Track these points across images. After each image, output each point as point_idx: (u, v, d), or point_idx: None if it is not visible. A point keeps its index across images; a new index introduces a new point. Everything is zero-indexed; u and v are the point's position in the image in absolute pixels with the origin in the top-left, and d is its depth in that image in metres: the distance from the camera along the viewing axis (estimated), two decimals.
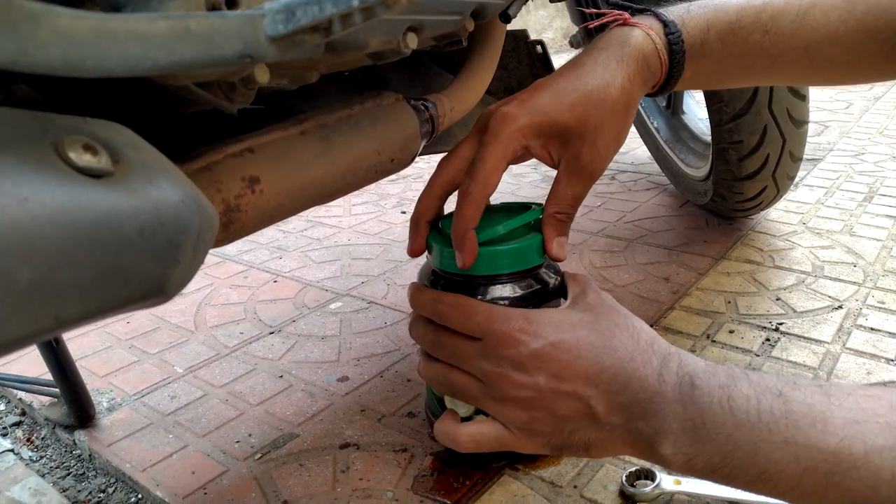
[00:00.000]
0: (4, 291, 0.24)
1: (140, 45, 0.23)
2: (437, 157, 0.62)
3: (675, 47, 0.54)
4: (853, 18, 0.54)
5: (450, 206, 0.60)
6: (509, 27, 0.76)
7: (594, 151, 0.52)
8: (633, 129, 1.54)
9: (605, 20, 0.56)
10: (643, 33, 0.54)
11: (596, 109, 0.51)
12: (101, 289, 0.27)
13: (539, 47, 0.83)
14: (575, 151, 0.52)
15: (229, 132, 0.50)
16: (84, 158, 0.27)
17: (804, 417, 0.39)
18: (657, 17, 0.55)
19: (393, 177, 1.71)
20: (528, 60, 0.84)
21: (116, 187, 0.27)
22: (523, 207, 0.60)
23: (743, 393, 0.41)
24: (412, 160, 0.63)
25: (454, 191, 0.54)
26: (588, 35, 1.12)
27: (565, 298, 0.54)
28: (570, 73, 0.53)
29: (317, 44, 0.26)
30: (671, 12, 0.55)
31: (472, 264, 0.52)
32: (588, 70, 0.52)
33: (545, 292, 0.57)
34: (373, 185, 1.65)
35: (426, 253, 0.59)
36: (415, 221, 0.56)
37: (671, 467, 0.43)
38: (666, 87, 0.56)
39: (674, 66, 0.55)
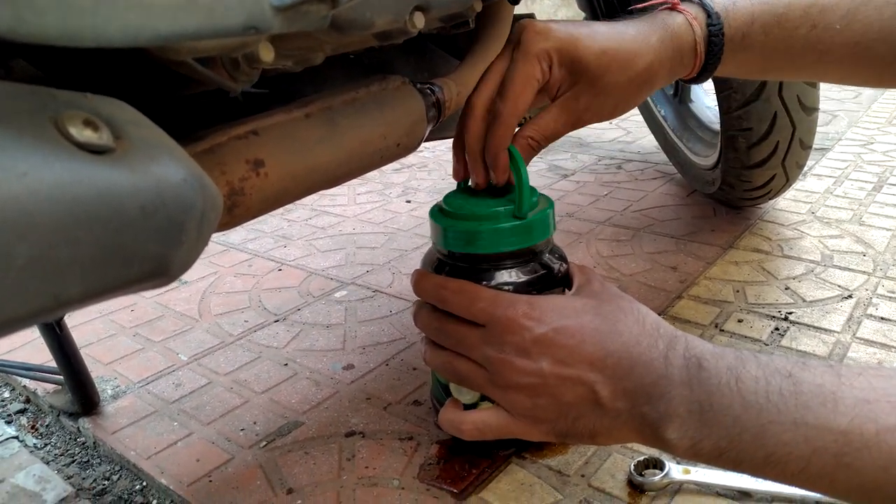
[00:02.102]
0: (3, 268, 0.23)
1: (141, 14, 0.23)
2: (444, 144, 0.61)
3: (714, 39, 0.53)
4: None
5: (447, 187, 0.59)
6: (516, 11, 0.75)
7: (594, 103, 0.52)
8: (640, 118, 1.53)
9: (652, 2, 0.56)
10: (686, 22, 0.53)
11: (618, 68, 0.51)
12: (102, 268, 0.26)
13: None
14: (578, 92, 0.52)
15: (233, 116, 0.49)
16: (84, 134, 0.26)
17: (814, 398, 0.38)
18: (703, 6, 0.54)
19: (397, 165, 1.70)
20: None
21: (118, 164, 0.27)
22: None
23: (751, 374, 0.40)
24: (418, 145, 0.62)
25: None
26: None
27: (569, 289, 0.54)
28: (613, 28, 0.52)
29: (323, 15, 0.25)
30: (717, 2, 0.54)
31: (505, 180, 0.54)
32: (629, 34, 0.52)
33: (550, 278, 0.56)
34: (377, 174, 1.64)
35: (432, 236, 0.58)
36: (471, 150, 0.54)
37: (676, 452, 0.42)
38: (700, 77, 0.56)
39: (709, 58, 0.54)
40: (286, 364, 0.85)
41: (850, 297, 0.92)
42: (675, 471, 0.61)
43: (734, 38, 0.54)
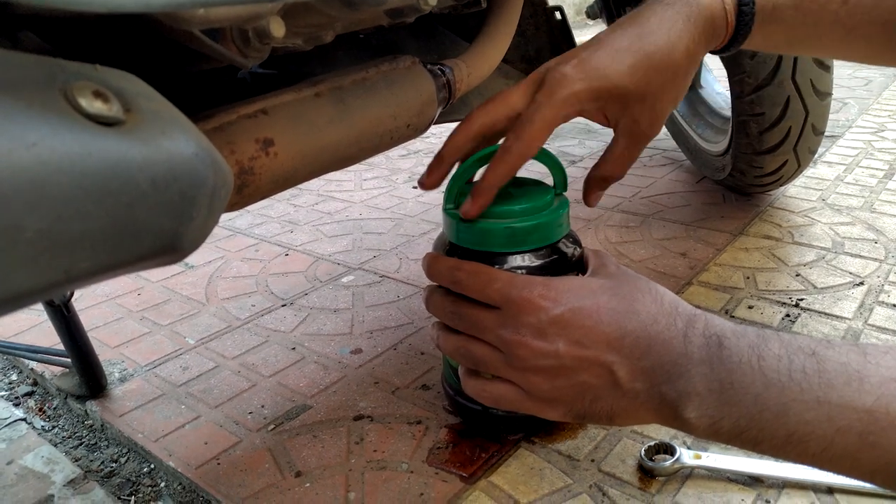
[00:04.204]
0: (11, 241, 0.22)
1: None
2: (452, 129, 0.60)
3: (745, 8, 0.51)
4: None
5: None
6: None
7: (653, 115, 0.51)
8: None
9: None
10: None
11: (658, 73, 0.49)
12: (112, 242, 0.26)
13: (558, 14, 0.81)
14: (635, 115, 0.50)
15: (241, 97, 0.49)
16: (95, 105, 0.26)
17: (838, 376, 0.37)
18: None
19: (403, 151, 1.69)
20: (545, 27, 0.82)
21: (128, 136, 0.26)
22: (537, 184, 0.58)
23: (774, 352, 0.39)
24: (428, 126, 0.62)
25: (492, 137, 0.53)
26: (608, 9, 1.09)
27: (583, 273, 0.53)
28: (633, 31, 0.50)
29: None
30: None
31: (476, 215, 0.53)
32: (653, 28, 0.49)
33: (564, 262, 0.56)
34: (384, 160, 1.63)
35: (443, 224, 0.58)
36: (440, 157, 0.54)
37: (696, 432, 0.42)
38: (728, 48, 0.54)
39: (740, 28, 0.52)
40: (294, 348, 0.85)
41: (861, 283, 0.91)
42: (686, 456, 0.60)
43: (765, 9, 0.52)
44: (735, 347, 0.41)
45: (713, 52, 0.55)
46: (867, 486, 0.56)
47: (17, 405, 0.81)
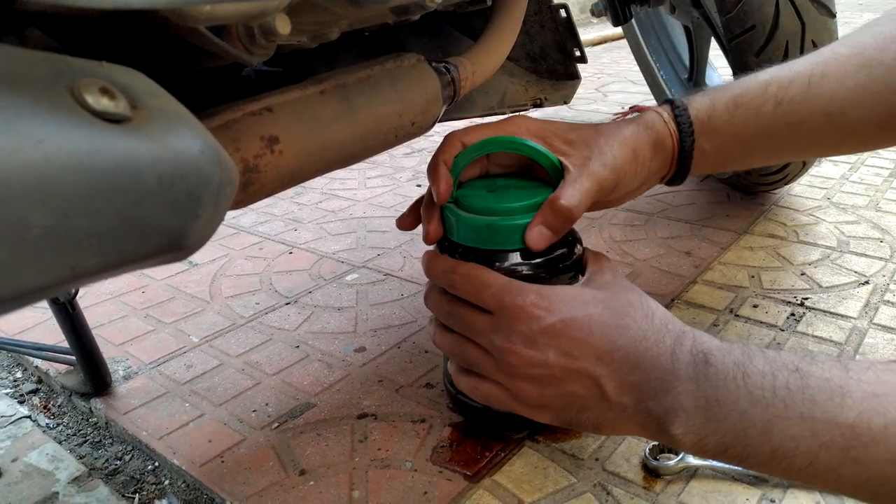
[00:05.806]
0: (18, 237, 0.22)
1: None
2: (457, 125, 0.60)
3: (681, 119, 0.55)
4: (873, 82, 0.51)
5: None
6: None
7: (603, 160, 0.53)
8: (654, 103, 1.51)
9: (629, 112, 0.59)
10: (654, 112, 0.57)
11: (604, 137, 0.53)
12: (119, 240, 0.26)
13: (563, 12, 0.80)
14: (583, 155, 0.53)
15: (246, 94, 0.49)
16: (101, 102, 0.26)
17: (821, 392, 0.38)
18: (668, 102, 0.57)
19: (407, 150, 1.69)
20: (551, 25, 0.82)
21: (135, 133, 0.26)
22: (538, 183, 0.58)
23: (758, 369, 0.40)
24: (433, 124, 0.62)
25: None
26: (612, 7, 1.10)
27: (582, 274, 0.53)
28: (584, 125, 0.56)
29: None
30: (678, 99, 0.58)
31: (446, 198, 0.55)
32: (601, 126, 0.55)
33: (563, 261, 0.55)
34: (387, 158, 1.63)
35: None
36: (436, 165, 0.55)
37: (682, 448, 0.43)
38: (682, 165, 0.57)
39: (683, 137, 0.55)
40: (298, 346, 0.85)
41: (866, 283, 0.90)
42: (691, 455, 0.60)
43: (700, 119, 0.55)
44: (721, 364, 0.41)
45: (669, 184, 0.60)
46: None
47: (21, 402, 0.81)
